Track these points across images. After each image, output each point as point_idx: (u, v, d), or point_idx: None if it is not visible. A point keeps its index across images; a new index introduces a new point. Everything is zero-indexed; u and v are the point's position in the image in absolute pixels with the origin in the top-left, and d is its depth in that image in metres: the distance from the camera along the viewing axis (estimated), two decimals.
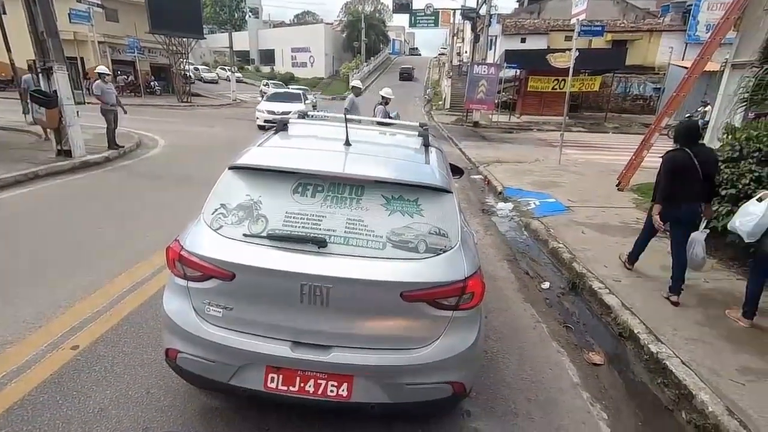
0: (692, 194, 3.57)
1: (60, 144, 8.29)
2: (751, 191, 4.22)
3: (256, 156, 2.18)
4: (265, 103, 15.46)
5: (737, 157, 4.57)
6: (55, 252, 4.28)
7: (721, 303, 3.76)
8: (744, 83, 6.20)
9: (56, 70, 7.74)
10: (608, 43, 26.14)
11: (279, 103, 15.05)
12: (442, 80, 34.18)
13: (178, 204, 5.85)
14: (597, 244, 5.13)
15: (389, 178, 1.97)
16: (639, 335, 3.27)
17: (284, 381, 1.90)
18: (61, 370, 2.59)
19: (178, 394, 2.45)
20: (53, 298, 3.38)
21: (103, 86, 9.15)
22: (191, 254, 1.90)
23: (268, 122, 13.65)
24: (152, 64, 28.93)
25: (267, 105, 15.03)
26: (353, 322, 1.89)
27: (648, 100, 24.78)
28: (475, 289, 1.90)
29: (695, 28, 24.71)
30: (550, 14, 30.11)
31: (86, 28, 21.31)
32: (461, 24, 35.84)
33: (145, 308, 3.30)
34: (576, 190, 7.69)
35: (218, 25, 54.64)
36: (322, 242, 1.84)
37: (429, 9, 27.55)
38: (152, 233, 4.76)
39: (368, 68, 45.57)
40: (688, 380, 2.73)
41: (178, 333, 1.97)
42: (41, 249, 4.34)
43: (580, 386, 2.84)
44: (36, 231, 4.85)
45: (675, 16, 27.75)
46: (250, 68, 49.91)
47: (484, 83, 18.10)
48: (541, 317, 3.69)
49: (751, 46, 6.57)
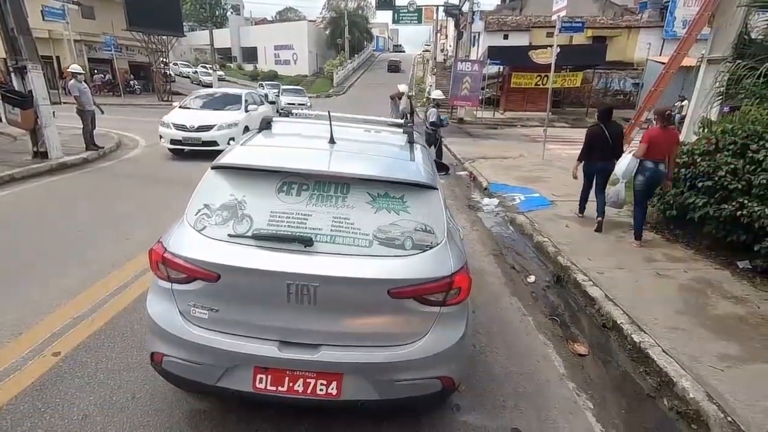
0: (604, 155, 5.32)
1: (36, 146, 8.05)
2: (727, 183, 4.36)
3: (240, 155, 2.16)
4: (176, 112, 9.61)
5: (713, 150, 4.69)
6: (33, 256, 4.16)
7: (699, 292, 3.87)
8: (719, 78, 6.38)
9: (30, 69, 7.50)
10: (589, 39, 26.58)
11: (199, 112, 9.64)
12: (427, 77, 34.25)
13: (160, 206, 5.75)
14: (580, 238, 5.23)
15: (374, 175, 1.97)
16: (622, 325, 3.34)
17: (273, 381, 1.89)
18: (43, 378, 2.52)
19: (164, 397, 2.41)
20: (33, 304, 3.29)
21: (79, 86, 8.91)
22: (175, 256, 1.87)
23: (176, 145, 8.97)
24: (131, 63, 28.32)
25: (177, 116, 9.32)
26: (341, 321, 1.89)
27: (628, 95, 25.27)
28: (462, 284, 1.92)
29: (672, 24, 25.33)
30: (532, 11, 30.45)
31: (61, 25, 20.72)
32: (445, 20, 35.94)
33: (128, 312, 3.24)
34: (560, 184, 7.80)
35: (199, 23, 53.71)
36: (308, 241, 1.83)
37: (412, 6, 27.53)
38: (134, 236, 4.67)
39: (352, 65, 45.39)
40: (669, 368, 2.81)
41: (164, 336, 1.94)
42: (19, 254, 4.22)
43: (567, 377, 2.89)
44: (13, 235, 4.70)
45: (653, 13, 28.36)
46: (232, 66, 49.18)
47: (468, 80, 18.20)
48: (527, 310, 3.75)
49: (725, 41, 6.76)
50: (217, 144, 8.83)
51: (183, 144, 8.99)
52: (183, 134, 8.95)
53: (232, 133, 9.10)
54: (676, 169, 4.92)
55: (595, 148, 5.35)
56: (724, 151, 4.59)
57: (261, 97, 12.38)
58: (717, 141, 4.71)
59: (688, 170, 4.87)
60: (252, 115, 10.07)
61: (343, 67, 41.84)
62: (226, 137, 8.96)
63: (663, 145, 4.65)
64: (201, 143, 8.94)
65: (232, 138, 8.85)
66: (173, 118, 9.26)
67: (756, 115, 4.66)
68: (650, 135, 4.73)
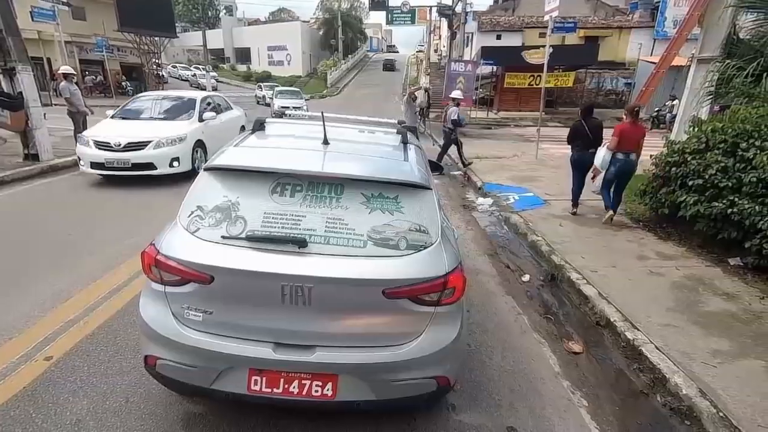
0: (584, 146, 5.89)
1: (27, 148, 7.96)
2: (718, 181, 4.41)
3: (233, 156, 2.15)
4: (103, 124, 7.37)
5: (703, 148, 4.75)
6: (24, 260, 4.11)
7: (691, 290, 3.91)
8: (709, 77, 6.45)
9: (20, 70, 7.42)
10: (581, 39, 26.72)
11: (133, 123, 7.37)
12: (421, 77, 34.29)
13: (154, 208, 5.70)
14: (574, 236, 5.26)
15: (368, 176, 1.97)
16: (615, 323, 3.37)
17: (268, 383, 1.88)
18: (35, 383, 2.49)
19: (159, 401, 2.39)
20: (25, 308, 3.25)
21: (70, 87, 8.83)
22: (168, 258, 1.86)
23: (99, 169, 6.76)
24: (123, 64, 28.07)
25: (102, 130, 7.09)
26: (336, 321, 1.89)
27: (620, 94, 25.45)
28: (457, 283, 1.92)
29: (663, 24, 25.56)
30: (525, 11, 30.56)
31: (51, 26, 20.48)
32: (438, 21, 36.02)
33: (121, 315, 3.21)
34: (553, 184, 7.86)
35: (191, 24, 53.38)
36: (302, 242, 1.82)
37: (405, 6, 27.61)
38: (127, 238, 4.62)
39: (346, 66, 45.35)
40: (662, 365, 2.84)
41: (157, 339, 1.93)
42: (10, 257, 4.17)
43: (561, 375, 2.91)
44: (4, 239, 4.65)
45: (643, 13, 28.62)
46: (225, 67, 48.95)
47: (462, 80, 18.21)
48: (522, 309, 3.77)
49: (714, 41, 6.84)
50: (154, 167, 6.77)
51: (107, 168, 6.69)
52: (106, 155, 6.60)
53: (177, 151, 6.95)
54: (667, 167, 5.04)
55: (577, 140, 6.01)
56: (714, 149, 4.64)
57: (226, 100, 9.74)
58: (707, 140, 4.76)
59: (679, 169, 4.91)
60: (211, 125, 7.88)
61: (337, 68, 41.78)
62: (168, 157, 6.84)
63: (632, 138, 5.28)
64: (131, 167, 6.68)
65: (175, 159, 6.92)
66: (96, 132, 6.98)
67: (745, 114, 4.71)
68: (621, 129, 5.31)
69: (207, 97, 8.72)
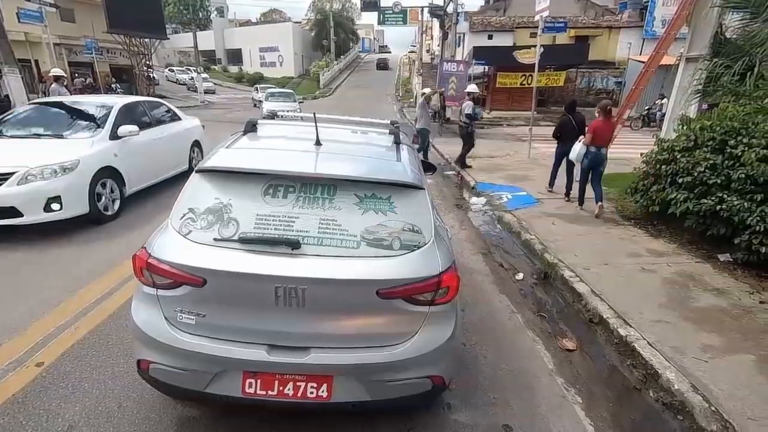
0: (570, 139, 6.33)
1: None
2: (707, 178, 4.47)
3: (225, 158, 2.14)
4: None
5: (692, 146, 4.81)
6: (13, 265, 4.05)
7: (682, 286, 3.96)
8: (697, 76, 6.54)
9: (6, 72, 7.35)
10: (571, 39, 26.94)
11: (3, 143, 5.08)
12: (413, 78, 34.35)
13: (145, 211, 5.65)
14: (567, 235, 5.30)
15: (361, 176, 1.97)
16: (608, 320, 3.40)
17: (262, 385, 1.88)
18: (25, 389, 2.46)
19: (152, 405, 2.37)
20: (14, 314, 3.20)
21: (60, 90, 8.72)
22: (160, 261, 1.85)
23: None
24: (113, 66, 27.78)
25: None
26: (330, 322, 1.88)
27: (611, 93, 25.67)
28: (450, 283, 1.93)
29: (652, 23, 25.84)
30: (515, 11, 30.73)
31: (39, 28, 20.19)
32: (430, 21, 36.10)
33: (113, 319, 3.18)
34: (546, 182, 7.88)
35: (182, 25, 52.93)
36: (295, 244, 1.82)
37: (397, 6, 27.57)
38: (117, 242, 4.58)
39: (339, 66, 45.31)
40: (654, 360, 2.87)
41: (150, 343, 1.91)
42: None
43: (555, 372, 2.93)
44: None
45: (632, 13, 28.91)
46: (216, 68, 48.67)
47: (454, 80, 18.29)
48: (516, 307, 3.79)
49: (702, 40, 6.93)
50: (19, 213, 4.43)
51: None
52: None
53: (57, 187, 4.57)
54: (657, 165, 5.16)
55: (564, 133, 6.67)
56: (703, 147, 4.70)
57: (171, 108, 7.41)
58: (696, 137, 4.82)
59: (668, 166, 4.98)
60: (133, 144, 5.61)
61: (329, 69, 41.74)
62: (41, 197, 4.50)
63: (605, 134, 5.87)
64: None
65: (54, 198, 4.55)
66: None
67: (733, 112, 4.78)
68: (595, 126, 5.82)
69: (134, 104, 6.36)
